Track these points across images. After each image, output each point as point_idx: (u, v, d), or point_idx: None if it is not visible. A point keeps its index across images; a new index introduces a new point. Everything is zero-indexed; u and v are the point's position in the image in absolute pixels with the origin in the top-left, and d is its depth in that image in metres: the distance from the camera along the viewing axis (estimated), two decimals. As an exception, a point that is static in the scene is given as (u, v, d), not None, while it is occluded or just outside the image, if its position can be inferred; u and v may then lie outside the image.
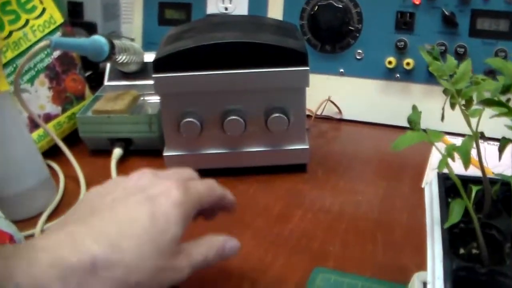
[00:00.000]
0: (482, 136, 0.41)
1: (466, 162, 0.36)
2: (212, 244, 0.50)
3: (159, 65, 0.72)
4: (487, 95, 0.39)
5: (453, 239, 0.41)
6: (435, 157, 0.79)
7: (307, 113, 0.90)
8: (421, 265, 0.60)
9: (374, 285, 0.58)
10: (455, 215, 0.38)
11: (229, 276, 0.61)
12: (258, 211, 0.72)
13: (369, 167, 0.82)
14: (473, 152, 0.39)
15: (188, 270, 0.46)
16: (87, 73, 1.04)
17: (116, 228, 0.42)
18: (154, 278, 0.42)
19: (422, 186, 0.75)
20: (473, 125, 0.41)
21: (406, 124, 0.42)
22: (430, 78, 0.88)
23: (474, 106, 0.40)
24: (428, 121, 0.44)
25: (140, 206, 0.44)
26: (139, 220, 0.43)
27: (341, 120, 0.98)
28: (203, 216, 0.56)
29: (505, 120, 0.39)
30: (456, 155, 0.38)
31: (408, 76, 0.90)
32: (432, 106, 0.50)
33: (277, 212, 0.72)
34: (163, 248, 0.43)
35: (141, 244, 0.42)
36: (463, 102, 0.41)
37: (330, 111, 0.97)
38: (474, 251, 0.41)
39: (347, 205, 0.73)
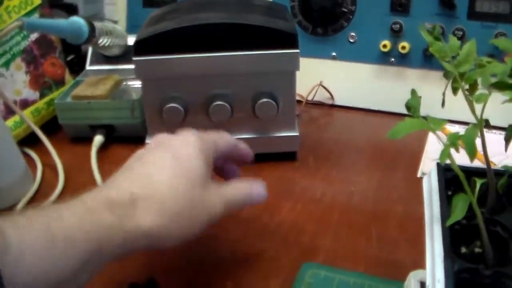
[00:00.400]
0: (487, 125, 0.37)
1: (472, 153, 0.32)
2: (240, 186, 0.53)
3: (140, 47, 0.68)
4: (493, 79, 0.36)
5: (454, 236, 0.38)
6: (431, 145, 0.75)
7: (298, 98, 0.87)
8: (418, 261, 0.56)
9: (367, 281, 0.54)
10: (459, 212, 0.34)
11: (212, 272, 0.57)
12: (245, 202, 0.68)
13: (363, 156, 0.79)
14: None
15: (221, 207, 0.49)
16: (69, 57, 1.00)
17: (147, 172, 0.47)
18: (190, 209, 0.46)
19: (418, 176, 0.71)
20: (477, 112, 0.37)
21: (401, 111, 0.39)
22: (426, 63, 0.85)
23: (479, 91, 0.36)
24: (424, 108, 0.40)
25: (163, 153, 0.49)
26: (165, 162, 0.48)
27: (333, 106, 0.94)
28: (223, 175, 0.60)
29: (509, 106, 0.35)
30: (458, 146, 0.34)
31: (403, 60, 0.87)
32: (428, 92, 0.46)
33: (265, 203, 0.68)
34: (191, 181, 0.47)
35: (170, 179, 0.46)
36: (466, 86, 0.37)
37: (321, 96, 0.93)
38: (477, 250, 0.37)
39: (339, 196, 0.69)
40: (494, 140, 0.40)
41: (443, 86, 0.40)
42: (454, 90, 0.38)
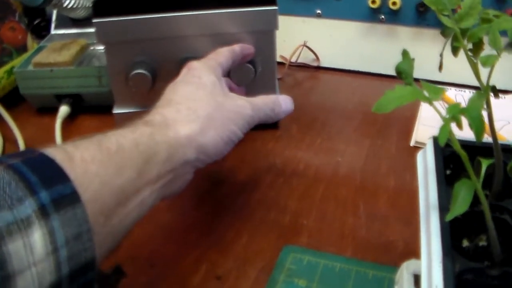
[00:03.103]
0: (494, 92, 0.31)
1: (479, 131, 0.26)
2: (267, 96, 0.57)
3: (100, 7, 0.61)
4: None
5: (455, 227, 0.32)
6: (426, 110, 0.69)
7: (280, 60, 0.81)
8: (411, 243, 0.51)
9: (355, 267, 0.49)
10: (462, 204, 0.28)
11: (185, 256, 0.52)
12: (221, 177, 0.62)
13: (351, 123, 0.72)
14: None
15: (249, 108, 0.52)
16: (36, 21, 0.92)
17: (167, 98, 0.51)
18: (219, 111, 0.50)
19: (411, 145, 0.65)
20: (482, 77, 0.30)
21: (392, 73, 0.33)
22: (420, 20, 0.78)
23: (485, 52, 0.30)
24: (417, 70, 0.34)
25: (175, 85, 0.52)
26: (180, 88, 0.51)
27: (319, 68, 0.88)
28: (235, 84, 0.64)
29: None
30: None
31: (394, 17, 0.80)
32: (421, 52, 0.41)
33: (243, 178, 0.62)
34: (210, 92, 0.51)
35: (190, 93, 0.50)
36: (469, 46, 0.30)
37: (306, 58, 0.87)
38: (481, 243, 0.31)
39: (324, 168, 0.63)
40: (495, 104, 0.34)
41: (438, 45, 0.35)
42: (455, 50, 0.31)
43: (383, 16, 0.80)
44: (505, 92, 0.67)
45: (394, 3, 0.77)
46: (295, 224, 0.55)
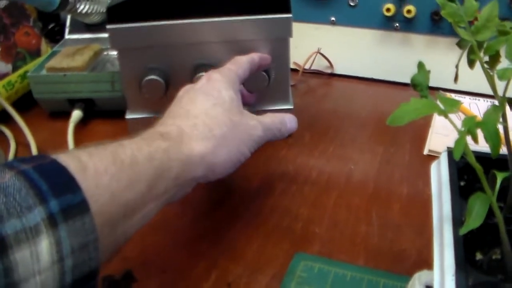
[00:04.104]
0: (510, 104, 0.31)
1: (496, 145, 0.26)
2: (275, 115, 0.57)
3: (114, 14, 0.61)
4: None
5: (468, 239, 0.31)
6: (439, 119, 0.69)
7: (294, 67, 0.82)
8: (423, 252, 0.51)
9: (366, 276, 0.48)
10: (476, 217, 0.27)
11: (196, 263, 0.52)
12: (233, 184, 0.62)
13: (364, 130, 0.72)
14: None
15: (260, 129, 0.54)
16: (50, 25, 0.93)
17: (185, 109, 0.51)
18: (233, 131, 0.50)
19: (425, 153, 0.65)
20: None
21: (406, 80, 0.33)
22: (435, 28, 0.78)
23: (502, 64, 0.29)
24: (431, 79, 0.33)
25: (194, 94, 0.53)
26: (198, 99, 0.52)
27: (332, 75, 0.88)
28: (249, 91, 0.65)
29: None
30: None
31: (408, 25, 0.80)
32: (436, 60, 0.40)
33: (256, 185, 0.62)
34: (227, 109, 0.51)
35: (207, 109, 0.50)
36: (486, 58, 0.30)
37: (320, 65, 0.87)
38: (496, 257, 0.31)
39: (337, 176, 0.63)
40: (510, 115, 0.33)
41: (453, 54, 0.34)
42: (471, 63, 0.31)
43: (397, 24, 0.80)
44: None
45: (408, 11, 0.77)
46: (307, 232, 0.54)
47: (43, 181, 0.34)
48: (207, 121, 0.49)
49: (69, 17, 0.87)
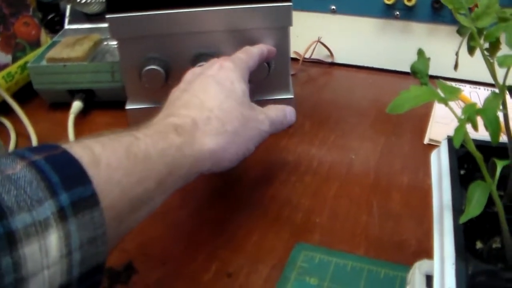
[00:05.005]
0: (511, 92, 0.30)
1: (496, 132, 0.25)
2: (278, 108, 0.57)
3: (114, 3, 0.61)
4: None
5: (468, 228, 0.31)
6: (440, 108, 0.69)
7: (294, 56, 0.81)
8: (423, 241, 0.51)
9: (367, 265, 0.49)
10: (476, 205, 0.27)
11: (196, 253, 0.52)
12: (234, 175, 0.62)
13: (365, 119, 0.72)
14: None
15: (267, 124, 0.54)
16: (49, 16, 0.93)
17: (199, 100, 0.50)
18: (244, 127, 0.51)
19: (425, 143, 0.65)
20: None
21: (407, 69, 0.33)
22: (435, 16, 0.78)
23: (502, 51, 0.29)
24: (431, 67, 0.33)
25: (206, 82, 0.52)
26: (211, 89, 0.51)
27: (333, 64, 0.87)
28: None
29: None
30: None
31: (409, 13, 0.79)
32: (436, 48, 0.40)
33: (256, 176, 0.62)
34: (239, 102, 0.51)
35: (221, 102, 0.50)
36: (486, 45, 0.30)
37: (320, 54, 0.87)
38: (496, 245, 0.31)
39: (338, 166, 0.63)
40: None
41: (453, 42, 0.34)
42: (471, 50, 0.31)
43: (398, 12, 0.79)
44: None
45: (409, -1, 0.77)
46: (307, 222, 0.54)
47: (54, 173, 0.33)
48: (220, 115, 0.49)
49: (68, 7, 0.87)
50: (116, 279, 0.49)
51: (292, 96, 0.68)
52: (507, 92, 0.29)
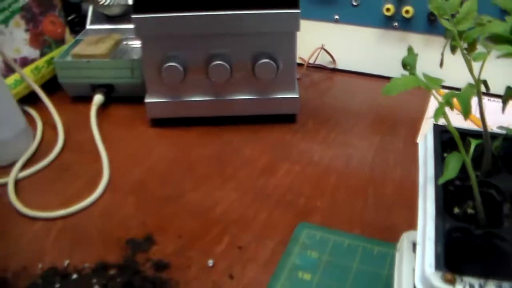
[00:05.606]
0: (485, 85, 0.37)
1: (466, 110, 0.32)
2: None
3: (140, 5, 0.67)
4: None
5: (448, 197, 0.37)
6: (431, 111, 0.75)
7: (299, 61, 0.86)
8: (412, 225, 0.56)
9: (362, 243, 0.55)
10: (451, 170, 0.34)
11: (209, 230, 0.57)
12: (242, 163, 0.68)
13: (363, 120, 0.78)
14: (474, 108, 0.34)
15: None
16: (70, 17, 0.99)
17: None
18: None
19: (417, 141, 0.71)
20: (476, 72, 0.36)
21: None
22: (430, 28, 0.83)
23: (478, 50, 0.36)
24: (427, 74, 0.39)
25: None
26: None
27: (335, 70, 0.93)
28: None
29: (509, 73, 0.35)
30: (454, 107, 0.34)
31: (407, 24, 0.85)
32: (431, 58, 0.45)
33: (262, 165, 0.68)
34: None
35: None
36: (465, 45, 0.36)
37: (323, 60, 0.93)
38: (469, 211, 0.37)
39: (337, 159, 0.69)
40: (495, 108, 0.39)
41: (447, 53, 0.40)
42: (453, 49, 0.37)
43: (396, 23, 0.85)
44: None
45: (407, 12, 0.83)
46: (309, 206, 0.60)
47: None
48: None
49: (91, 8, 0.93)
50: (138, 248, 0.55)
51: (297, 96, 0.74)
52: (482, 84, 0.36)
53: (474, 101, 0.46)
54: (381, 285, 0.49)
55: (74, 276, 0.52)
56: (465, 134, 0.39)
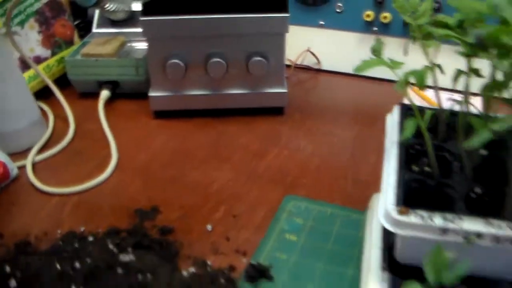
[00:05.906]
0: (439, 68, 0.45)
1: (421, 83, 0.40)
2: None
3: (148, 8, 0.75)
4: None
5: (409, 159, 0.46)
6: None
7: (287, 63, 0.94)
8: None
9: (342, 212, 0.63)
10: (408, 130, 0.42)
11: (207, 202, 0.66)
12: (237, 148, 0.77)
13: (344, 114, 0.86)
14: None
15: None
16: (76, 22, 1.07)
17: None
18: None
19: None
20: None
21: (382, 76, 0.44)
22: (406, 32, 0.91)
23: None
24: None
25: None
26: None
27: (320, 71, 1.01)
28: None
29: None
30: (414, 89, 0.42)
31: (385, 29, 0.93)
32: (408, 59, 0.53)
33: (255, 149, 0.76)
34: None
35: None
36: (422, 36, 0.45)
37: (309, 61, 1.01)
38: (426, 169, 0.46)
39: (321, 145, 0.77)
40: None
41: (421, 55, 0.47)
42: (414, 39, 0.46)
43: (375, 28, 0.94)
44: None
45: (385, 17, 0.91)
46: (296, 183, 0.69)
47: None
48: None
49: (97, 13, 1.01)
50: (145, 217, 0.63)
51: (286, 90, 0.82)
52: (436, 67, 0.45)
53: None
54: (357, 244, 0.58)
55: (90, 238, 0.59)
56: (423, 109, 0.48)
